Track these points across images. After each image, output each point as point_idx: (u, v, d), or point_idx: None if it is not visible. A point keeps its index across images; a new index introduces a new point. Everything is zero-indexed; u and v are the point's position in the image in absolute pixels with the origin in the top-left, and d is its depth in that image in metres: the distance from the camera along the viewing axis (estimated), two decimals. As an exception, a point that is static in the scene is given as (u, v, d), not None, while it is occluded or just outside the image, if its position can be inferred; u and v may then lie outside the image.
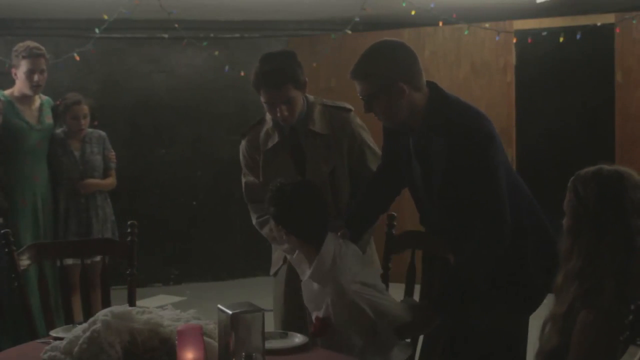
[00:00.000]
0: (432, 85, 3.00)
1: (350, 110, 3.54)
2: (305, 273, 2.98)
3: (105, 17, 6.24)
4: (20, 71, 4.97)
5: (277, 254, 3.67)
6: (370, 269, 3.05)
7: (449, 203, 2.97)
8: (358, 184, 3.49)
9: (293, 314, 3.49)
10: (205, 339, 2.41)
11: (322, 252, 2.89)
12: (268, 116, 3.55)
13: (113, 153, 5.45)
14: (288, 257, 3.52)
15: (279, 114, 3.39)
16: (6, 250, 3.24)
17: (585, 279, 2.34)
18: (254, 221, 3.69)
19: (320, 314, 2.90)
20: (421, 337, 3.11)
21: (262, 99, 3.41)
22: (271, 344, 2.68)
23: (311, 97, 3.54)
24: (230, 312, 2.34)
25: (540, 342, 2.46)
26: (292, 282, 3.37)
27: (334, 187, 3.49)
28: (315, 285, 2.93)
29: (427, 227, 3.20)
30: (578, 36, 6.82)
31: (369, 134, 3.58)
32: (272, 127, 3.55)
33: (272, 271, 3.73)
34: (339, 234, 3.02)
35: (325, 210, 3.04)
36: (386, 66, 2.91)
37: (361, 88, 2.95)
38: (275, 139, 3.53)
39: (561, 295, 2.42)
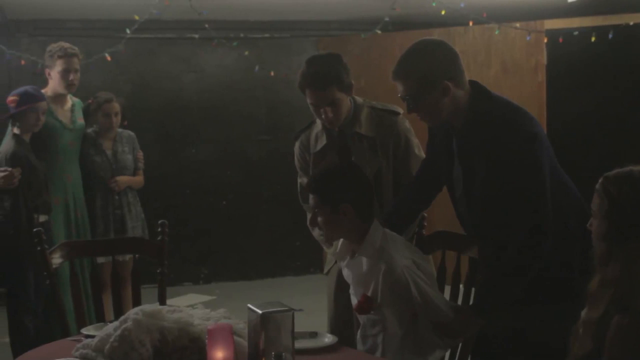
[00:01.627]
0: (474, 84, 2.98)
1: (398, 113, 3.55)
2: (347, 260, 2.99)
3: (136, 17, 6.28)
4: (55, 71, 5.03)
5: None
6: (422, 255, 3.04)
7: (489, 203, 2.93)
8: (400, 187, 3.49)
9: (341, 312, 3.53)
10: (235, 338, 2.42)
11: (372, 228, 2.91)
12: (318, 120, 3.59)
13: (141, 153, 5.50)
14: (335, 257, 3.56)
15: (323, 116, 3.42)
16: (38, 248, 3.28)
17: (622, 285, 2.30)
18: (308, 222, 3.71)
19: (369, 292, 2.88)
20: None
21: (308, 100, 3.45)
22: (301, 344, 2.68)
23: (359, 100, 3.57)
24: (260, 311, 2.35)
25: (573, 348, 2.41)
26: (343, 281, 3.38)
27: (378, 189, 3.50)
28: (365, 265, 2.91)
29: (466, 230, 3.17)
30: (610, 35, 6.76)
31: (415, 138, 3.59)
32: (321, 129, 3.59)
33: (325, 270, 3.78)
34: None
35: (371, 185, 3.04)
36: (430, 64, 2.89)
37: (404, 88, 2.92)
38: (324, 140, 3.58)
39: (595, 301, 2.37)
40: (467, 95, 2.93)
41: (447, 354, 3.05)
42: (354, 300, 3.01)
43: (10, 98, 4.76)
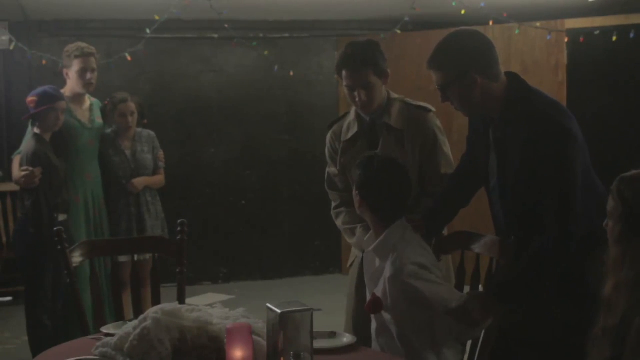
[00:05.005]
0: (512, 76, 2.99)
1: (430, 110, 3.58)
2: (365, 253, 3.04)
3: (157, 17, 6.30)
4: (73, 70, 5.07)
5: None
6: (433, 257, 3.04)
7: (520, 194, 2.92)
8: (425, 185, 3.50)
9: (361, 305, 3.53)
10: (254, 337, 2.42)
11: (391, 229, 2.94)
12: (352, 110, 3.66)
13: (162, 152, 5.51)
14: (354, 247, 3.55)
15: (357, 99, 3.48)
16: (59, 247, 3.29)
17: (638, 289, 2.26)
18: (332, 211, 3.73)
19: (379, 291, 2.90)
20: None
21: (343, 83, 3.52)
22: (319, 344, 2.68)
23: (394, 95, 3.63)
24: (279, 310, 2.34)
25: (591, 355, 2.38)
26: (363, 275, 3.39)
27: None
28: (377, 262, 2.97)
29: (496, 220, 3.14)
30: (631, 35, 6.70)
31: (446, 138, 3.61)
32: (354, 118, 3.65)
33: (349, 263, 3.82)
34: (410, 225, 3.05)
35: (407, 193, 3.08)
36: (457, 57, 2.91)
37: (436, 78, 2.96)
38: (355, 129, 3.63)
39: (611, 307, 2.33)
40: (502, 87, 2.94)
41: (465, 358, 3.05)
42: (368, 294, 3.03)
43: (30, 98, 4.79)
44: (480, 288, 3.14)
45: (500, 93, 2.93)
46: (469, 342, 3.08)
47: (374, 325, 3.04)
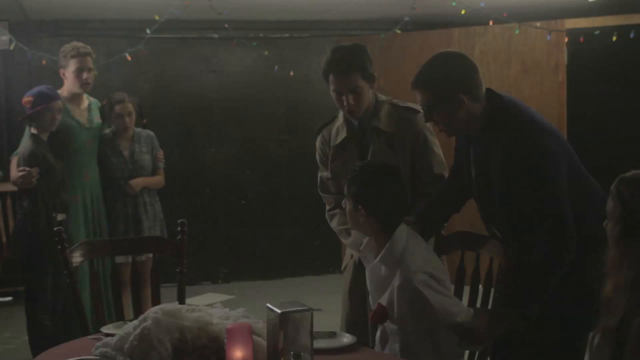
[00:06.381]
0: (489, 93, 2.98)
1: (418, 111, 3.56)
2: (371, 262, 2.98)
3: (157, 17, 6.30)
4: (69, 71, 5.06)
5: (348, 248, 3.70)
6: (441, 265, 3.02)
7: (507, 212, 2.95)
8: (419, 185, 3.49)
9: (355, 309, 3.55)
10: (254, 337, 2.42)
11: (395, 236, 2.89)
12: (340, 114, 3.64)
13: (161, 152, 5.50)
14: (350, 248, 3.54)
15: (345, 103, 3.45)
16: (59, 247, 3.29)
17: (638, 290, 2.26)
18: (326, 213, 3.72)
19: (384, 301, 2.88)
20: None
21: (331, 88, 3.49)
22: (320, 344, 2.67)
23: (382, 97, 3.61)
24: (279, 311, 2.34)
25: (591, 356, 2.38)
26: (358, 277, 3.37)
27: None
28: (383, 271, 2.92)
29: (488, 231, 3.16)
30: (631, 35, 6.70)
31: (436, 138, 3.60)
32: (342, 123, 3.63)
33: (343, 266, 3.81)
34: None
35: (405, 196, 3.04)
36: (444, 78, 2.92)
37: (421, 98, 2.97)
38: (344, 133, 3.61)
39: (611, 307, 2.33)
40: (483, 105, 2.95)
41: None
42: (373, 304, 3.01)
43: (26, 99, 4.80)
44: (480, 288, 3.14)
45: (481, 111, 2.95)
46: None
47: (378, 332, 3.03)
